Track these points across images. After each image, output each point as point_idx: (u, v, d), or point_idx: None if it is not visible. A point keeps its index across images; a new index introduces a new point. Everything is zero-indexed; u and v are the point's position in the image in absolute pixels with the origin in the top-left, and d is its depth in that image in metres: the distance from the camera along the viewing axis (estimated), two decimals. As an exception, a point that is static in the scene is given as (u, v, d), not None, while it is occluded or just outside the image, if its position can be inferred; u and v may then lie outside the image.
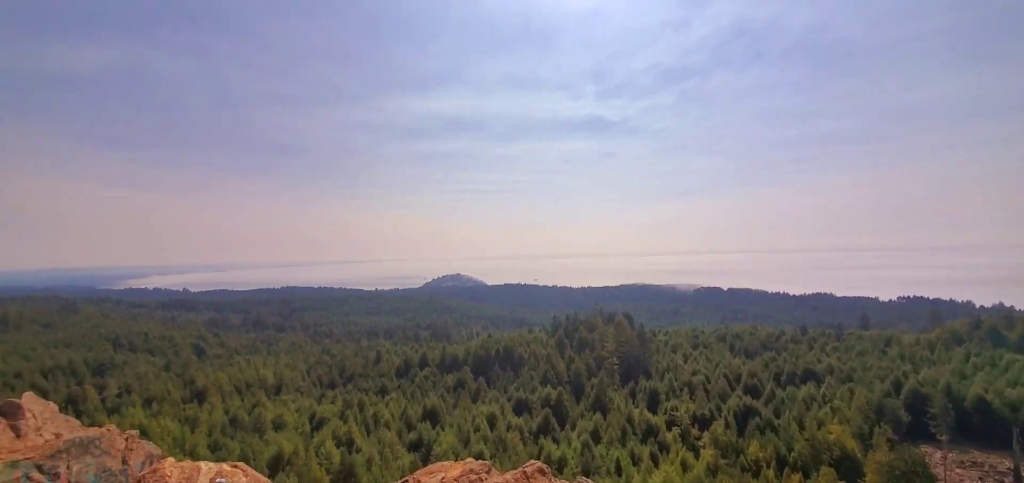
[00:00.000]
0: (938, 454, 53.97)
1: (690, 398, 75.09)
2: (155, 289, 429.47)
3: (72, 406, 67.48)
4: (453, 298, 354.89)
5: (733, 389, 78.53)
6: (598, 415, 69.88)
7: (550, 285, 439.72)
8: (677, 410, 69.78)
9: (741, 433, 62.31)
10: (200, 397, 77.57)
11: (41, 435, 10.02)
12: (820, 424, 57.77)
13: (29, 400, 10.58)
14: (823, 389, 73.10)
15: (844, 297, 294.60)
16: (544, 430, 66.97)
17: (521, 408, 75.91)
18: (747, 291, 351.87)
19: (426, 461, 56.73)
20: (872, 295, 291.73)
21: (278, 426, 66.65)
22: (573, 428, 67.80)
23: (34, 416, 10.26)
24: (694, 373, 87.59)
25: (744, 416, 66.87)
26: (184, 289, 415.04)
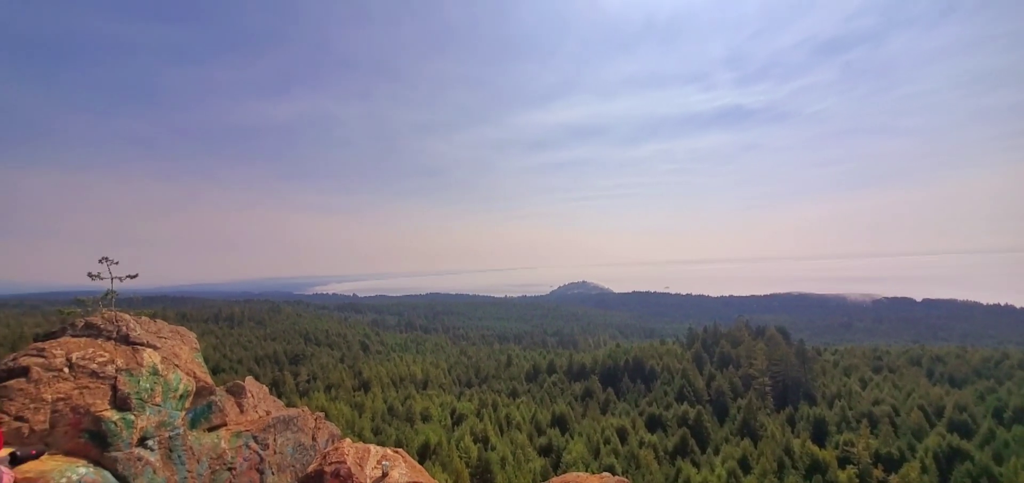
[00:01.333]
0: None
1: (871, 432, 62.12)
2: (333, 294, 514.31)
3: (275, 388, 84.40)
4: (579, 306, 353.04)
5: (932, 425, 63.09)
6: (746, 441, 62.20)
7: (684, 293, 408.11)
8: (853, 446, 58.17)
9: (944, 480, 49.61)
10: (366, 386, 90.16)
11: (257, 411, 12.75)
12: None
13: (250, 382, 13.53)
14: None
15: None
16: (682, 451, 62.07)
17: (654, 424, 71.62)
18: (950, 302, 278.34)
19: (556, 468, 57.09)
20: None
21: (425, 418, 73.83)
22: (716, 453, 61.52)
23: (252, 395, 13.07)
24: (876, 403, 72.44)
25: (948, 459, 53.19)
26: (354, 294, 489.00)
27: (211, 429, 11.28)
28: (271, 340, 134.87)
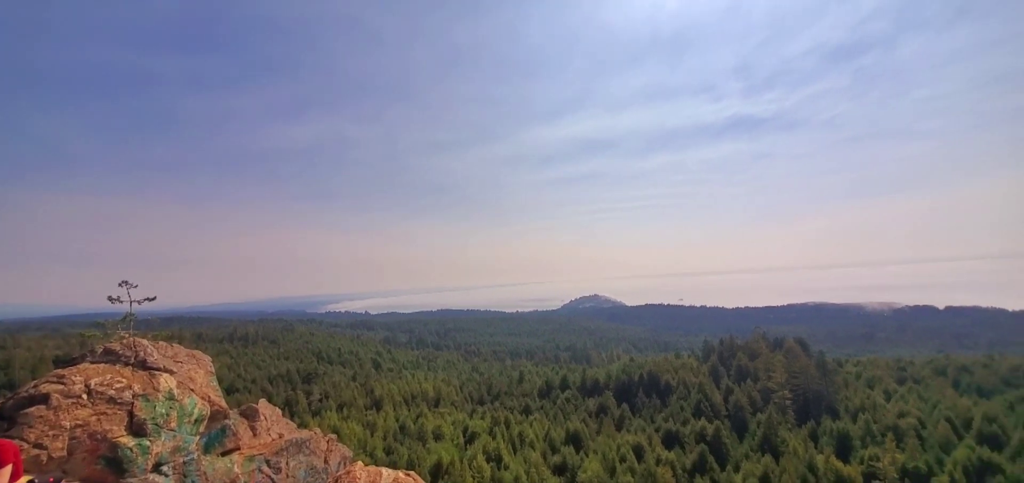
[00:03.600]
0: None
1: (897, 446, 60.02)
2: (346, 312, 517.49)
3: (288, 408, 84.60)
4: (591, 319, 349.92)
5: (961, 437, 60.82)
6: (767, 458, 60.50)
7: (698, 305, 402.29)
8: (879, 460, 56.22)
9: (979, 498, 47.45)
10: (378, 405, 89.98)
11: (269, 434, 12.80)
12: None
13: (263, 405, 13.61)
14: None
15: None
16: (700, 468, 60.57)
17: (671, 441, 70.10)
18: (974, 309, 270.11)
19: (572, 487, 56.06)
20: None
21: (437, 436, 73.28)
22: (736, 470, 59.91)
23: (265, 418, 13.14)
24: (902, 415, 70.15)
25: (979, 473, 51.24)
26: (366, 312, 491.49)
27: (225, 453, 11.32)
28: (284, 359, 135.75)
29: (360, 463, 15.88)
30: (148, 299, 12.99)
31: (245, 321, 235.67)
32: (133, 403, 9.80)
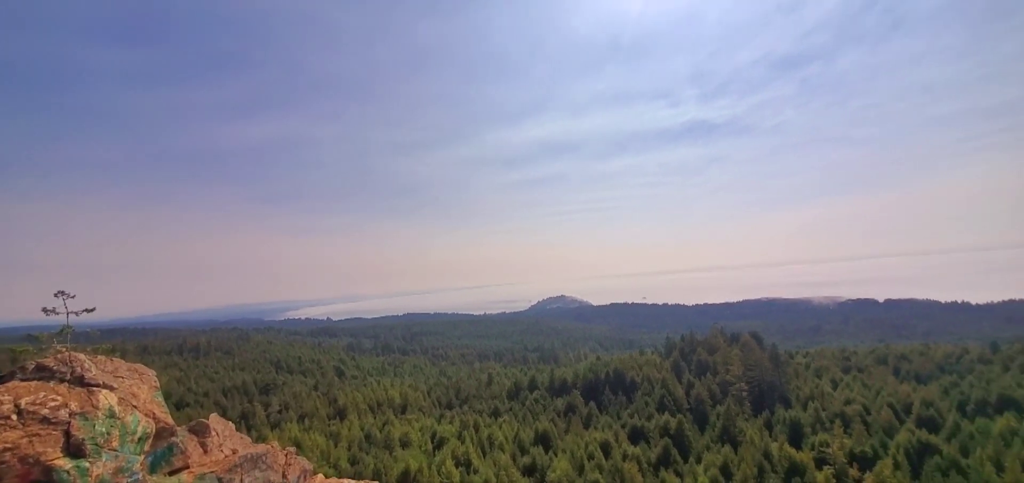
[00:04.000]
0: None
1: (845, 432, 64.01)
2: (306, 319, 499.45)
3: (244, 421, 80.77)
4: (558, 320, 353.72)
5: (902, 421, 65.52)
6: (727, 448, 63.05)
7: (660, 303, 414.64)
8: (829, 446, 59.80)
9: (916, 475, 51.34)
10: (341, 414, 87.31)
11: (222, 450, 12.11)
12: (1031, 468, 44.95)
13: (214, 420, 12.87)
14: (1031, 422, 57.08)
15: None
16: (665, 462, 62.35)
17: (637, 436, 71.82)
18: (911, 301, 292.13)
19: (541, 487, 56.37)
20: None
21: (405, 444, 71.91)
22: (698, 461, 62.04)
23: (217, 433, 12.43)
24: (848, 402, 74.78)
25: (919, 454, 55.26)
26: (328, 318, 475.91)
27: (173, 473, 10.64)
28: (239, 370, 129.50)
29: (321, 475, 15.32)
30: (87, 310, 12.11)
31: (196, 331, 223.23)
32: (70, 422, 9.05)
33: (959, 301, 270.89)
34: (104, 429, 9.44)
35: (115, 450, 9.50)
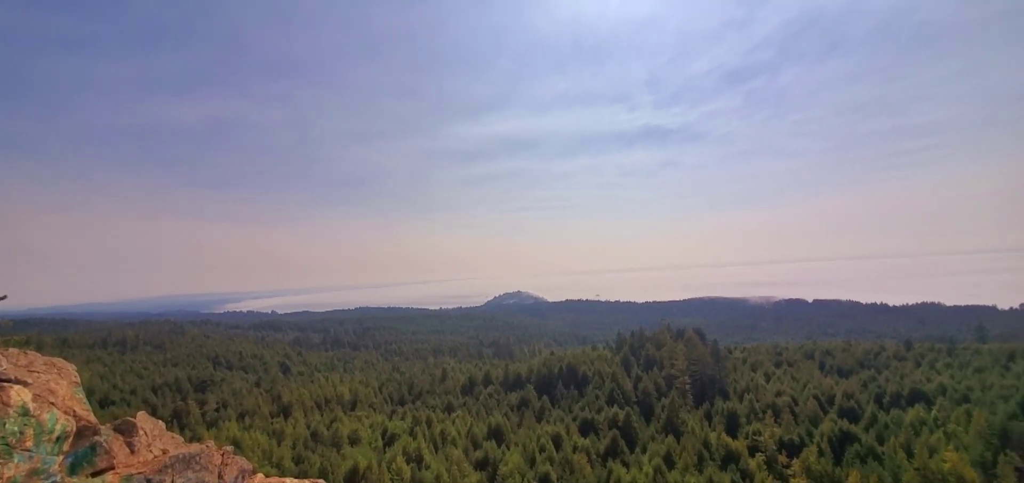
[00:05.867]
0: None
1: (775, 422, 68.93)
2: (249, 312, 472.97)
3: (177, 420, 75.61)
4: (514, 315, 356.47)
5: (825, 412, 71.23)
6: (670, 438, 66.16)
7: (613, 300, 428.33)
8: (761, 435, 64.23)
9: (838, 462, 56.07)
10: (286, 412, 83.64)
11: (151, 450, 11.28)
12: (932, 452, 50.49)
13: (142, 418, 11.94)
14: (934, 412, 64.06)
15: (955, 306, 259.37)
16: (612, 452, 64.54)
17: (587, 429, 73.87)
18: (836, 302, 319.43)
19: (493, 481, 56.75)
20: (989, 303, 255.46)
21: (354, 441, 70.00)
22: (643, 451, 64.70)
23: (146, 433, 11.56)
24: (779, 394, 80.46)
25: (841, 442, 60.36)
26: (272, 312, 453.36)
27: (95, 474, 9.83)
28: (172, 366, 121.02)
29: (262, 475, 14.67)
30: (-6, 298, 10.93)
31: (122, 324, 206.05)
32: (-30, 423, 8.15)
33: (878, 302, 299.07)
34: (17, 428, 8.58)
35: (29, 451, 8.66)
